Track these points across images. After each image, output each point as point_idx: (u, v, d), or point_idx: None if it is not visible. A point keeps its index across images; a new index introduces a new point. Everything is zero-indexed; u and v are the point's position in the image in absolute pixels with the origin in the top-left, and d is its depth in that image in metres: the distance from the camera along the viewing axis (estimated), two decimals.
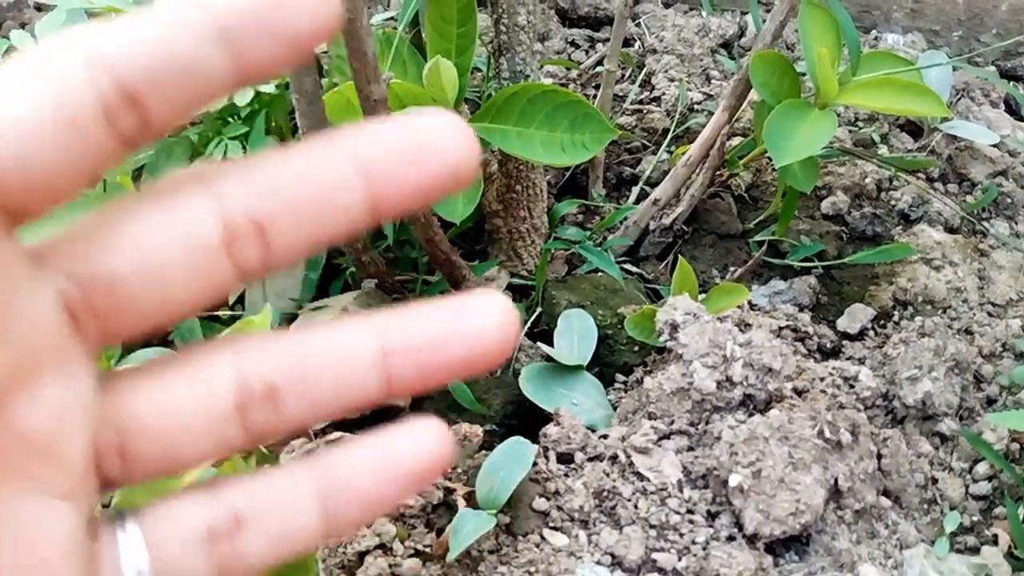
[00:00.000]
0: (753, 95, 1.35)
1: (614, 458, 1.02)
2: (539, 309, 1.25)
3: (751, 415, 1.02)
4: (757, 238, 1.39)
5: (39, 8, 1.92)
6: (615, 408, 1.12)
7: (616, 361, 1.19)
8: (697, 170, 1.35)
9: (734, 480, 0.96)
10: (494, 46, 1.17)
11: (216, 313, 1.26)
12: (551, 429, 1.05)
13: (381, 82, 0.93)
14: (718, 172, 1.38)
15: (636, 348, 1.19)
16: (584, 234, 1.34)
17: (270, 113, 1.20)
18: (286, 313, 1.21)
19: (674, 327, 1.06)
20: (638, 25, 1.72)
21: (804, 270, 1.35)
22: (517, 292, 1.33)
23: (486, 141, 1.16)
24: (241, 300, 1.31)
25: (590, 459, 1.03)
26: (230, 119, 1.19)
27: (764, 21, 1.32)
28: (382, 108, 0.96)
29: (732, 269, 1.34)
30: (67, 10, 1.25)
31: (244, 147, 1.16)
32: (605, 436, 1.05)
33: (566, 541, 0.97)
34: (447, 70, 1.05)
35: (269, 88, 1.09)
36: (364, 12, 0.87)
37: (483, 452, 1.09)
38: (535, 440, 1.04)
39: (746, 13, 1.80)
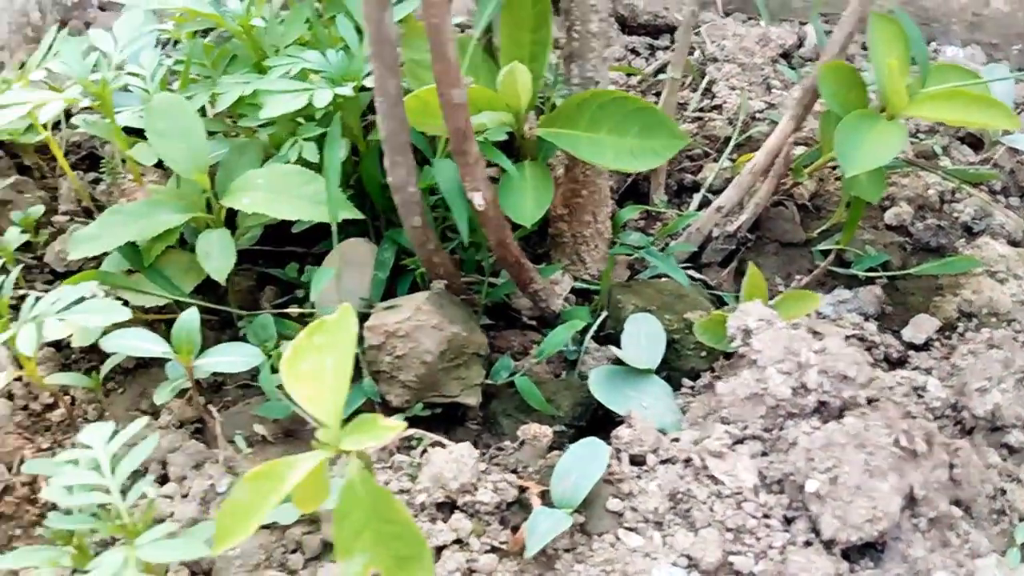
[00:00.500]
0: (818, 105, 1.35)
1: (688, 461, 1.02)
2: (604, 313, 1.25)
3: (825, 422, 1.02)
4: (820, 247, 1.39)
5: (103, 8, 1.96)
6: (684, 412, 1.12)
7: (683, 366, 1.19)
8: (762, 178, 1.35)
9: (811, 486, 0.96)
10: (564, 52, 1.18)
11: (286, 311, 1.28)
12: (623, 431, 1.05)
13: (463, 86, 0.95)
14: (781, 181, 1.38)
15: (703, 353, 1.19)
16: (647, 240, 1.35)
17: (342, 115, 1.21)
18: (359, 312, 1.22)
19: (747, 332, 1.06)
20: (698, 34, 1.72)
21: (869, 280, 1.35)
22: (579, 295, 1.34)
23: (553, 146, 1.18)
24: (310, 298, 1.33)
25: (662, 462, 1.04)
26: (303, 121, 1.20)
27: (826, 32, 1.33)
28: (461, 112, 0.97)
29: (798, 277, 1.34)
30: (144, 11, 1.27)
31: (319, 148, 1.18)
32: (677, 440, 1.05)
33: (641, 542, 0.98)
34: (523, 76, 1.06)
35: (346, 91, 1.10)
36: (449, 18, 0.89)
37: (555, 452, 1.10)
38: (605, 442, 1.05)
39: (804, 23, 1.80)
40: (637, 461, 1.05)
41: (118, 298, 1.10)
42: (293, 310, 1.29)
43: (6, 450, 1.15)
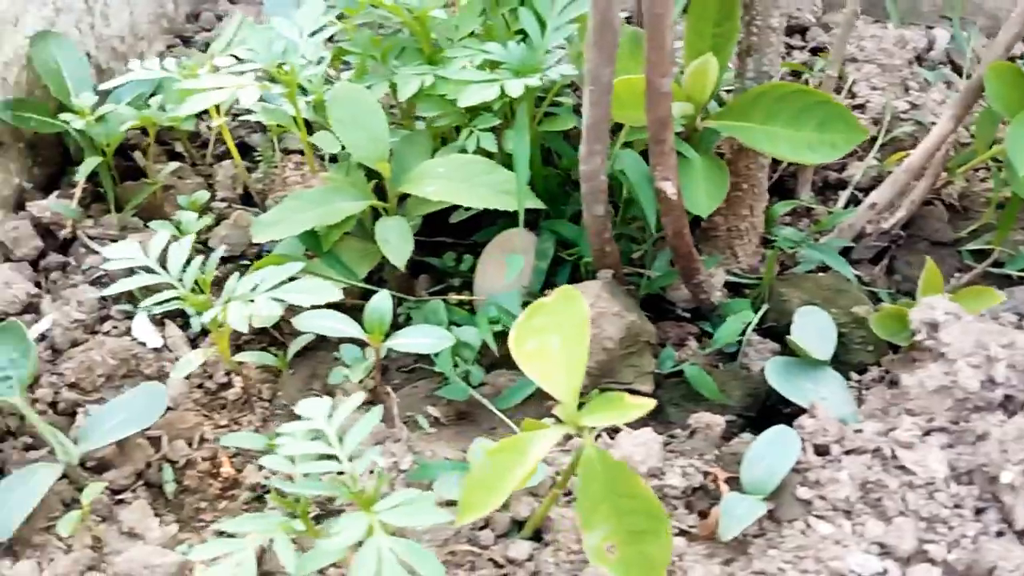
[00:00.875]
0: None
1: (876, 451, 1.03)
2: (766, 306, 1.27)
3: (1010, 416, 1.02)
4: (971, 247, 1.39)
5: (232, 1, 2.00)
6: (858, 404, 1.13)
7: (851, 359, 1.20)
8: (916, 177, 1.36)
9: (1005, 477, 0.97)
10: (742, 46, 1.19)
11: (447, 297, 1.31)
12: (807, 421, 1.07)
13: (671, 75, 0.97)
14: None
15: (870, 347, 1.20)
16: (801, 235, 1.36)
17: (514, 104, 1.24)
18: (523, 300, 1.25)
19: (933, 326, 1.07)
20: (828, 31, 1.73)
21: (1021, 280, 1.35)
22: (731, 288, 1.36)
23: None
24: (468, 285, 1.36)
25: (846, 452, 1.05)
26: (481, 112, 1.23)
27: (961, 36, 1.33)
28: (666, 100, 0.99)
29: (958, 275, 1.35)
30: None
31: (497, 138, 1.20)
32: (860, 430, 1.06)
33: (831, 529, 0.99)
34: (712, 69, 1.08)
35: (533, 81, 1.13)
36: (672, 10, 0.91)
37: (737, 439, 1.11)
38: None
39: (932, 27, 1.81)
40: (821, 451, 1.06)
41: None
42: (452, 297, 1.32)
43: (186, 426, 1.18)
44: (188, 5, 1.96)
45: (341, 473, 0.87)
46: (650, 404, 0.75)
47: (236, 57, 1.23)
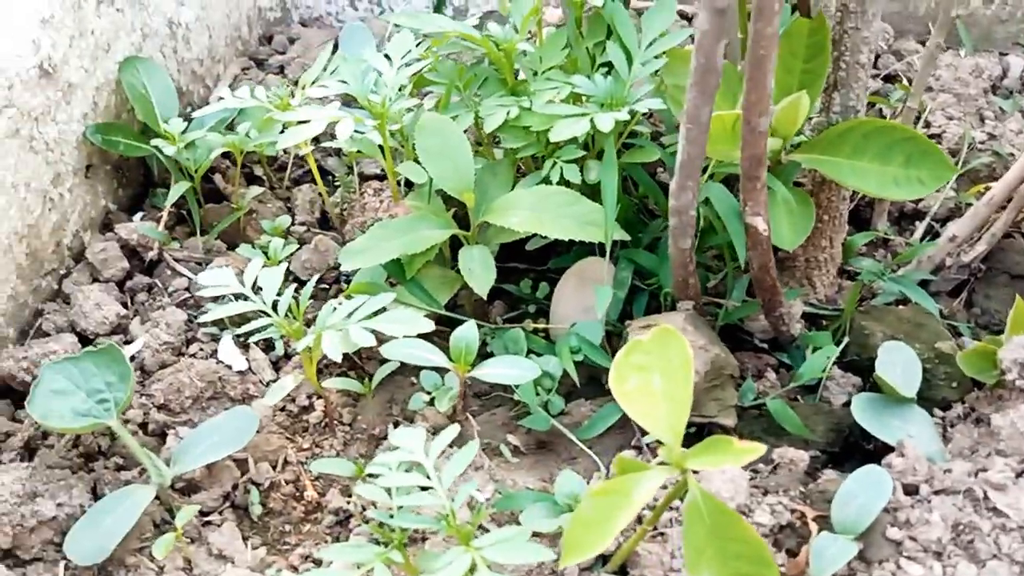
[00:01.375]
0: None
1: (967, 493, 1.02)
2: (847, 339, 1.26)
3: None
4: None
5: (304, 23, 2.04)
6: (945, 442, 1.12)
7: (934, 396, 1.19)
8: (998, 210, 1.35)
9: None
10: (829, 81, 1.19)
11: (520, 325, 1.31)
12: (896, 460, 1.06)
13: (770, 115, 0.97)
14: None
15: (954, 383, 1.19)
16: (879, 266, 1.36)
17: (597, 138, 1.25)
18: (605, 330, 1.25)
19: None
20: (900, 59, 1.73)
21: None
22: (808, 319, 1.35)
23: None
24: (542, 312, 1.37)
25: (936, 492, 1.04)
26: (563, 142, 1.23)
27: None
28: (762, 139, 1.00)
29: None
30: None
31: (581, 170, 1.21)
32: (949, 470, 1.05)
33: (921, 571, 0.98)
34: (803, 106, 1.08)
35: (622, 116, 1.13)
36: (775, 51, 0.91)
37: (821, 475, 1.11)
38: None
39: (1005, 54, 1.79)
40: (910, 490, 1.05)
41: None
42: (528, 324, 1.33)
43: (271, 449, 1.21)
44: (261, 28, 1.99)
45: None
46: (760, 449, 0.76)
47: (322, 85, 1.25)
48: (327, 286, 1.41)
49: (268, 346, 1.31)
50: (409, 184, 1.36)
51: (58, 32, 1.34)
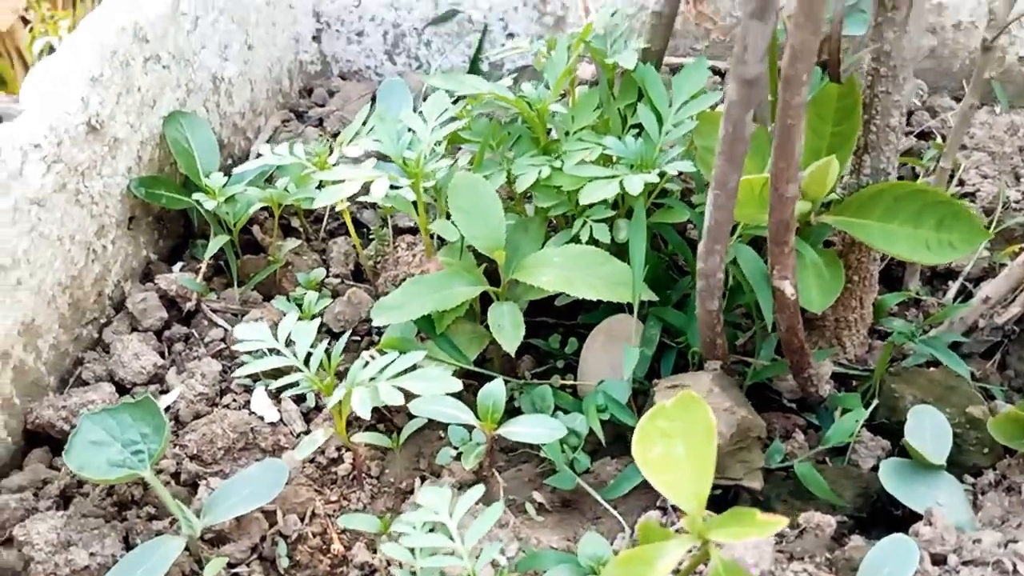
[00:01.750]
0: None
1: (996, 564, 1.01)
2: (876, 401, 1.25)
3: None
4: None
5: (343, 76, 2.08)
6: (975, 510, 1.11)
7: (965, 461, 1.18)
8: None
9: None
10: (859, 144, 1.20)
11: (548, 382, 1.32)
12: (924, 529, 1.05)
13: (798, 181, 0.98)
14: None
15: (986, 449, 1.18)
16: (910, 327, 1.35)
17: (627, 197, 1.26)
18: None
19: None
20: (934, 116, 1.73)
21: None
22: (838, 379, 1.34)
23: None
24: (570, 367, 1.38)
25: (964, 563, 1.03)
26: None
27: None
28: (790, 205, 1.01)
29: None
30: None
31: (610, 228, 1.23)
32: (978, 540, 1.04)
33: None
34: (833, 171, 1.09)
35: (652, 178, 1.15)
36: (803, 121, 0.92)
37: (851, 543, 1.10)
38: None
39: None
40: (938, 560, 1.04)
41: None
42: (556, 380, 1.33)
43: (299, 500, 1.22)
44: (302, 80, 2.04)
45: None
46: (783, 522, 0.75)
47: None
48: (359, 338, 1.43)
49: (299, 397, 1.33)
50: (442, 237, 1.39)
51: (106, 90, 1.39)
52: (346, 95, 1.98)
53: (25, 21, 4.22)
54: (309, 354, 1.14)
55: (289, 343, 1.15)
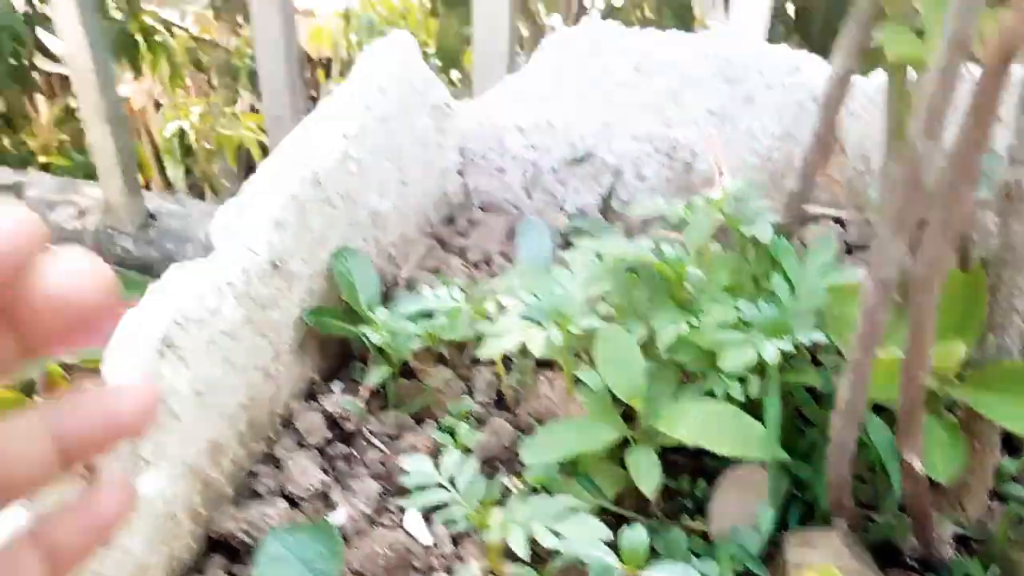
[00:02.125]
0: None
1: None
2: (997, 570, 1.31)
3: None
4: None
5: (483, 208, 2.26)
6: None
7: None
8: None
9: None
10: (985, 323, 1.28)
11: (680, 523, 1.42)
12: None
13: (928, 369, 1.07)
14: None
15: None
16: None
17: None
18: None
19: None
20: None
21: None
22: (960, 542, 1.40)
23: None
24: (699, 506, 1.46)
25: None
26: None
27: None
28: (921, 390, 1.10)
29: None
30: None
31: (742, 385, 1.33)
32: None
33: None
34: (960, 353, 1.18)
35: (786, 346, 1.26)
36: (934, 307, 1.02)
37: None
38: None
39: None
40: None
41: None
42: (692, 525, 1.43)
43: None
44: (446, 210, 2.22)
45: None
46: None
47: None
48: (499, 464, 1.55)
49: (450, 521, 1.45)
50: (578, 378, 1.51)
51: (287, 231, 1.58)
52: (486, 226, 2.15)
53: (157, 104, 4.62)
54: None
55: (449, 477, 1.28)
